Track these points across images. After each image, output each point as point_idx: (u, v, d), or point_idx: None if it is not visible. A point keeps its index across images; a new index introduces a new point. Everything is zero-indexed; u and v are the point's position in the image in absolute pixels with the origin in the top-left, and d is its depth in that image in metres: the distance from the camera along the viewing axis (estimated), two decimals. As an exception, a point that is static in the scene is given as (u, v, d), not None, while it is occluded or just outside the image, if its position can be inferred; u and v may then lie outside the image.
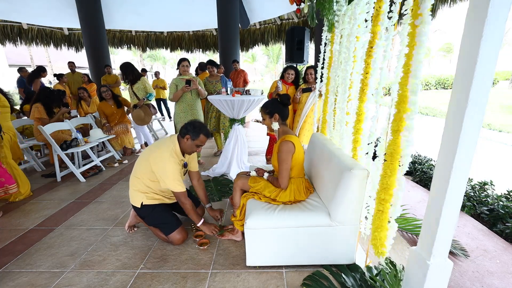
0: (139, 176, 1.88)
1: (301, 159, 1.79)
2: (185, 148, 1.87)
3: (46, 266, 1.75)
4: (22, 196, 2.76)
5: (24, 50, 17.41)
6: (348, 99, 1.86)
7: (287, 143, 1.69)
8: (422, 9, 1.10)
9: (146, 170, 1.85)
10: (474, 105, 0.93)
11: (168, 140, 1.87)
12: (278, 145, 1.75)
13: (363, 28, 1.69)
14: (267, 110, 1.86)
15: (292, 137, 1.75)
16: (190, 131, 1.82)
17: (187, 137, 1.83)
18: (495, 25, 0.86)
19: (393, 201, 1.33)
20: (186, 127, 1.84)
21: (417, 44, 1.14)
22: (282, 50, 22.02)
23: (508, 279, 1.61)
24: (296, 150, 1.72)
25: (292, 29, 4.04)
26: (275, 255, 1.67)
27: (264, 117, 1.90)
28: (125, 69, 3.62)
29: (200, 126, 1.84)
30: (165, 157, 1.78)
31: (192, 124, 1.85)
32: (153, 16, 8.11)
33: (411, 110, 1.20)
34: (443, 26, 42.19)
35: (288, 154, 1.69)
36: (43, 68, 5.03)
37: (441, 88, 17.48)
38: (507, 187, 2.50)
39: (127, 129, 4.17)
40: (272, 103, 1.88)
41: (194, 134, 1.82)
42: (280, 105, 1.85)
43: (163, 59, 27.94)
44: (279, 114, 1.85)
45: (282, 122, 1.88)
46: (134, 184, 1.90)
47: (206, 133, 1.87)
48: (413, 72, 1.17)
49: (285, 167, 1.70)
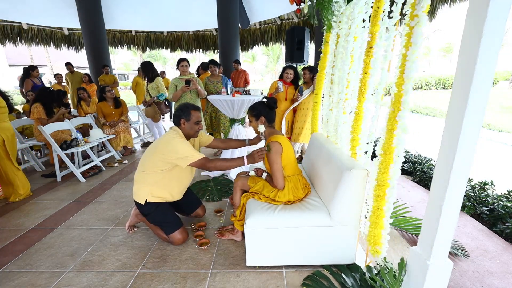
0: (146, 169, 1.86)
1: (292, 157, 1.79)
2: (188, 132, 1.88)
3: (46, 266, 1.75)
4: (22, 196, 2.76)
5: (24, 50, 17.40)
6: (346, 98, 1.87)
7: (274, 144, 1.70)
8: (417, 10, 1.11)
9: (155, 160, 1.83)
10: (474, 105, 0.93)
11: (170, 131, 1.87)
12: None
13: (361, 28, 1.69)
14: (254, 113, 1.87)
15: (279, 137, 1.75)
16: (180, 115, 1.85)
17: (182, 122, 1.85)
18: (495, 25, 0.86)
19: (386, 198, 1.37)
20: (175, 115, 1.88)
21: (411, 45, 1.15)
22: (282, 50, 22.04)
23: (508, 279, 1.61)
24: (284, 149, 1.72)
25: (292, 29, 4.05)
26: (275, 255, 1.67)
27: (251, 119, 1.90)
28: (145, 67, 3.84)
29: (185, 105, 1.88)
30: (173, 140, 1.78)
31: (178, 109, 1.88)
32: (153, 16, 8.11)
33: (401, 109, 1.22)
34: (443, 26, 42.19)
35: (276, 154, 1.70)
36: (32, 67, 5.03)
37: (441, 88, 17.48)
38: (507, 187, 2.50)
39: (127, 128, 4.19)
40: (259, 105, 1.88)
41: (185, 115, 1.85)
42: (266, 108, 1.86)
43: (163, 59, 27.95)
44: (265, 117, 1.85)
45: (268, 125, 1.89)
46: (140, 180, 1.88)
47: (193, 107, 1.88)
48: (406, 73, 1.18)
49: (276, 168, 1.71)
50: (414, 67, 1.16)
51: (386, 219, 1.40)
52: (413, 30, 1.14)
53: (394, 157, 1.29)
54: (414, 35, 1.14)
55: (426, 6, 1.09)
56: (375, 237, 1.45)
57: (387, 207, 1.38)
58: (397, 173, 1.30)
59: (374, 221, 1.45)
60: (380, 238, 1.44)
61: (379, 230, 1.43)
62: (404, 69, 1.19)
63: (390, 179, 1.32)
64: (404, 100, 1.20)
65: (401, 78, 1.21)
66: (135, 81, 6.37)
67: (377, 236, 1.44)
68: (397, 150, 1.28)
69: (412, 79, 1.18)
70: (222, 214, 2.38)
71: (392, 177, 1.32)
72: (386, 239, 1.43)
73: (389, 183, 1.33)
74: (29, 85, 4.89)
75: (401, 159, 1.27)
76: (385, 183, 1.34)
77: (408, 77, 1.17)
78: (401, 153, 1.27)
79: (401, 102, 1.22)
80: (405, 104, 1.21)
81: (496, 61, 0.90)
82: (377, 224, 1.43)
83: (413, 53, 1.15)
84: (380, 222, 1.42)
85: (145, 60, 3.93)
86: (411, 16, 1.14)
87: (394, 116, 1.25)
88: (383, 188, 1.36)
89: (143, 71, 3.88)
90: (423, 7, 1.09)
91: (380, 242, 1.44)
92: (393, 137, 1.28)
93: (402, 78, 1.20)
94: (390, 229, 1.43)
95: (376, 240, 1.45)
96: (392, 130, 1.27)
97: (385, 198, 1.37)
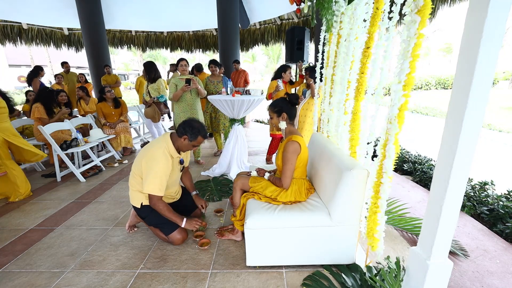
0: (136, 175, 1.87)
1: (306, 160, 1.79)
2: (181, 147, 1.86)
3: (46, 266, 1.75)
4: (22, 196, 2.76)
5: (24, 50, 17.41)
6: (346, 99, 1.87)
7: (293, 144, 1.69)
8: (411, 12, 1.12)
9: (141, 168, 1.83)
10: (474, 105, 0.93)
11: (161, 140, 1.85)
12: (284, 144, 1.74)
13: (362, 28, 1.69)
14: (276, 109, 1.84)
15: (299, 138, 1.74)
16: (188, 132, 1.80)
17: (184, 137, 1.82)
18: (495, 25, 0.86)
19: (380, 195, 1.38)
20: (184, 127, 1.82)
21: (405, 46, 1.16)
22: (282, 50, 22.02)
23: (508, 279, 1.61)
24: (302, 151, 1.72)
25: (292, 29, 4.05)
26: (275, 255, 1.67)
27: (272, 115, 1.87)
28: (148, 67, 3.82)
29: (198, 128, 1.83)
30: (156, 156, 1.77)
31: (190, 124, 1.82)
32: (153, 16, 8.11)
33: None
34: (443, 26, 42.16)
35: (293, 154, 1.69)
36: (40, 67, 5.07)
37: (441, 88, 17.48)
38: (507, 187, 2.50)
39: (127, 129, 4.19)
40: (281, 102, 1.85)
41: (192, 136, 1.81)
42: (288, 104, 1.84)
43: (163, 59, 27.95)
44: (287, 113, 1.82)
45: (289, 122, 1.86)
46: (133, 184, 1.89)
47: (204, 134, 1.85)
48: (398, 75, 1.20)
49: (289, 167, 1.70)
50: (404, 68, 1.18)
51: (380, 215, 1.42)
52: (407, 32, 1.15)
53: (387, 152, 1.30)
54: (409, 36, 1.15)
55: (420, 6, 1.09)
56: (371, 230, 1.48)
57: (380, 203, 1.40)
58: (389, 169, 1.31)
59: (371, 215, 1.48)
60: (375, 232, 1.46)
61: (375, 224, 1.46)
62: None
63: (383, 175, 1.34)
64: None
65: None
66: (139, 81, 6.45)
67: (372, 230, 1.48)
68: (388, 147, 1.29)
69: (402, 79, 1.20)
70: (222, 214, 2.38)
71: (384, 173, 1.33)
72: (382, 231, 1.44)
73: (382, 181, 1.35)
74: (37, 84, 4.93)
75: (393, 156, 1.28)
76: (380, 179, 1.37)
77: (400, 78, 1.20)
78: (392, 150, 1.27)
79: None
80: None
81: (496, 61, 0.90)
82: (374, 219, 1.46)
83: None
84: (376, 216, 1.45)
85: (148, 60, 3.92)
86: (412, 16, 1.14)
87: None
88: (378, 185, 1.39)
89: (145, 71, 3.87)
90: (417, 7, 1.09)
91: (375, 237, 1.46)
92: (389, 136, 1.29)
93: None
94: (386, 227, 1.45)
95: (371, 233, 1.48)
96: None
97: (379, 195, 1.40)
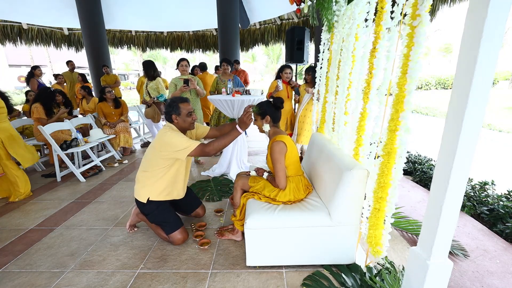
0: (147, 169, 1.86)
1: (295, 157, 1.79)
2: (182, 126, 1.86)
3: (46, 266, 1.75)
4: (22, 196, 2.76)
5: (24, 50, 17.40)
6: (347, 99, 1.86)
7: (278, 144, 1.70)
8: (420, 10, 1.11)
9: (155, 159, 1.83)
10: (474, 105, 0.93)
11: (163, 128, 1.86)
12: (270, 146, 1.75)
13: (362, 28, 1.69)
14: (260, 111, 1.85)
15: (283, 137, 1.75)
16: (171, 111, 1.82)
17: (174, 117, 1.83)
18: (495, 25, 0.86)
19: (388, 199, 1.36)
20: (165, 112, 1.85)
21: (415, 45, 1.15)
22: (282, 50, 22.02)
23: (508, 279, 1.61)
24: (289, 149, 1.72)
25: (292, 29, 4.04)
26: (275, 255, 1.67)
27: (256, 117, 1.89)
28: (147, 66, 3.85)
29: (173, 100, 1.85)
30: (166, 135, 1.77)
31: (167, 106, 1.85)
32: (153, 16, 8.11)
33: (404, 110, 1.22)
34: (443, 26, 42.17)
35: (280, 154, 1.69)
36: (34, 66, 5.09)
37: (441, 88, 17.48)
38: (507, 187, 2.50)
39: (127, 129, 4.19)
40: (265, 105, 1.87)
41: (174, 110, 1.82)
42: (273, 108, 1.85)
43: (163, 59, 27.96)
44: (270, 116, 1.84)
45: (273, 125, 1.88)
46: (142, 180, 1.88)
47: (180, 100, 1.85)
48: (409, 73, 1.18)
49: (280, 167, 1.71)
50: (418, 67, 1.16)
51: (387, 219, 1.39)
52: (416, 30, 1.14)
53: (397, 157, 1.29)
54: (417, 35, 1.13)
55: (428, 6, 1.09)
56: (375, 238, 1.44)
57: (389, 207, 1.37)
58: (399, 174, 1.30)
59: (374, 222, 1.45)
60: (380, 239, 1.44)
61: (379, 231, 1.43)
62: (406, 70, 1.19)
63: (393, 180, 1.32)
64: (407, 100, 1.20)
65: (403, 78, 1.21)
66: (140, 81, 6.45)
67: (377, 237, 1.44)
68: (400, 151, 1.27)
69: (416, 79, 1.17)
70: (222, 214, 2.38)
71: (394, 178, 1.31)
72: (387, 239, 1.42)
73: (391, 183, 1.33)
74: (35, 85, 4.94)
75: (403, 160, 1.27)
76: (387, 184, 1.34)
77: (412, 77, 1.17)
78: (403, 154, 1.26)
79: (404, 102, 1.21)
80: (408, 105, 1.21)
81: (496, 61, 0.90)
82: (377, 226, 1.43)
83: (416, 53, 1.14)
84: (379, 224, 1.42)
85: (147, 59, 3.93)
86: (413, 15, 1.14)
87: (397, 116, 1.25)
88: (384, 189, 1.35)
89: (145, 69, 3.90)
90: (425, 6, 1.09)
91: (381, 242, 1.43)
92: (396, 138, 1.27)
93: (403, 78, 1.20)
94: (391, 229, 1.43)
95: (377, 241, 1.44)
96: (395, 131, 1.27)
97: (387, 199, 1.37)
